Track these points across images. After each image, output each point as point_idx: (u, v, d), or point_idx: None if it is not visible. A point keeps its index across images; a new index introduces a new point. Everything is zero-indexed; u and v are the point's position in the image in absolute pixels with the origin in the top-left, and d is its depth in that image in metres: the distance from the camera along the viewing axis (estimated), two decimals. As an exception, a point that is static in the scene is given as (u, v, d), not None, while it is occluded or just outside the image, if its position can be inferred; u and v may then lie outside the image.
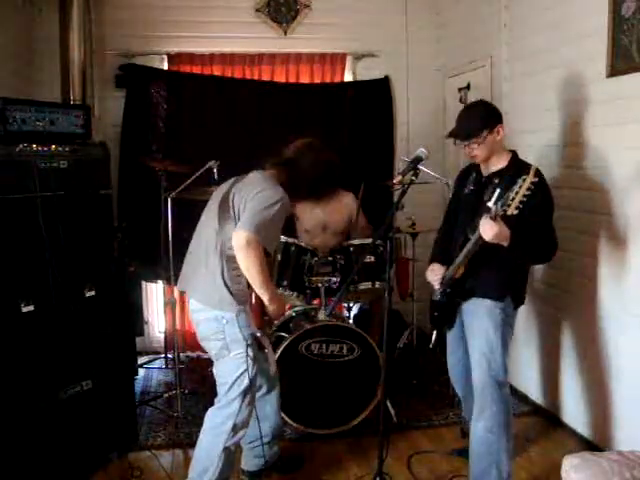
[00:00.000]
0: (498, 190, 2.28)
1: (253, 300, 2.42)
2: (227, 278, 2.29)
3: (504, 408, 2.43)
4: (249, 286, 2.33)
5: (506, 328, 2.44)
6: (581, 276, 2.97)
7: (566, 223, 2.80)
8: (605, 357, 2.81)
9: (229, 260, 2.29)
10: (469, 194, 2.56)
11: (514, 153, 2.48)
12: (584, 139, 2.88)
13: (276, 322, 3.25)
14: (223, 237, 2.30)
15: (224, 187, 2.45)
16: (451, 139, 2.58)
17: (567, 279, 3.08)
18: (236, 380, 2.34)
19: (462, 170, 2.71)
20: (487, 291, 2.43)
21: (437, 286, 2.56)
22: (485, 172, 2.50)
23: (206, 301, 2.35)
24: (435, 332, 2.64)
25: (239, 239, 2.18)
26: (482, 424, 2.44)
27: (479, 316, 2.46)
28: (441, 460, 2.89)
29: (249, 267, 2.22)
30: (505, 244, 2.19)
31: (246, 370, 2.32)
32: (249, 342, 2.32)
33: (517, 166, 2.39)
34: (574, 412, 3.08)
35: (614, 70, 2.63)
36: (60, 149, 2.62)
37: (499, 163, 2.45)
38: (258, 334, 2.38)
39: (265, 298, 2.33)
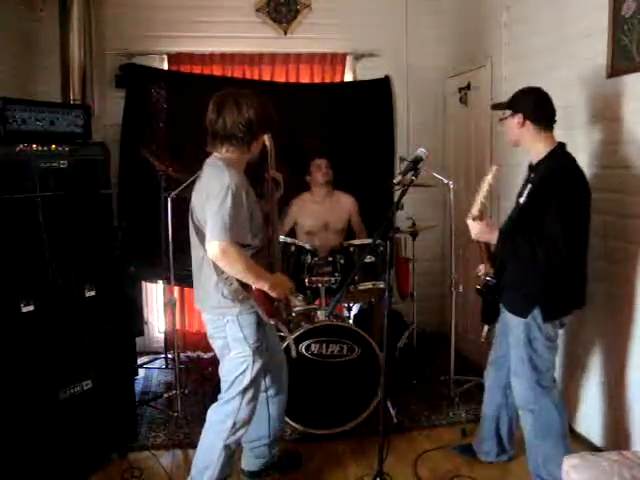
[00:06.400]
0: (529, 186, 2.25)
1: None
2: (219, 283, 2.28)
3: (533, 429, 2.43)
4: (242, 284, 2.30)
5: (535, 347, 2.35)
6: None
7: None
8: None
9: (215, 266, 2.25)
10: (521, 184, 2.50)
11: (557, 145, 2.35)
12: (584, 139, 2.88)
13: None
14: (203, 247, 2.27)
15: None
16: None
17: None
18: (236, 379, 2.35)
19: None
20: (511, 306, 2.40)
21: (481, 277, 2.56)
22: (533, 162, 2.44)
23: (209, 308, 2.38)
24: (486, 326, 2.54)
25: (212, 251, 2.16)
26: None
27: (510, 327, 2.45)
28: (442, 460, 2.89)
29: (235, 272, 2.22)
30: (494, 241, 2.21)
31: (246, 369, 2.34)
32: (251, 342, 2.32)
33: (551, 161, 2.29)
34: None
35: (614, 70, 2.63)
36: (60, 149, 2.63)
37: (539, 154, 2.36)
38: (272, 322, 2.40)
39: (265, 288, 2.29)
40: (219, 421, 2.40)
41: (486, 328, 2.53)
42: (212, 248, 2.16)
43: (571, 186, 2.23)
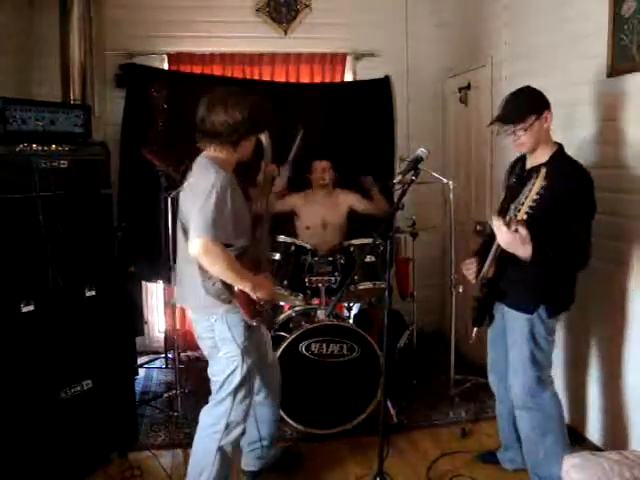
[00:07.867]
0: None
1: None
2: (204, 283, 2.25)
3: (532, 427, 2.44)
4: (226, 284, 2.25)
5: (538, 342, 2.37)
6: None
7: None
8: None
9: (199, 265, 2.21)
10: (511, 186, 2.47)
11: (559, 147, 2.36)
12: (583, 139, 2.87)
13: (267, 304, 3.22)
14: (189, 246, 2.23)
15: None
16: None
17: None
18: (226, 379, 2.34)
19: (513, 160, 2.60)
20: (516, 303, 2.39)
21: (472, 280, 2.52)
22: (529, 164, 2.41)
23: (196, 307, 2.38)
24: (475, 329, 2.51)
25: (194, 249, 2.12)
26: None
27: (511, 326, 2.44)
28: (442, 460, 2.88)
29: (217, 270, 2.18)
30: (522, 255, 2.12)
31: (236, 369, 2.32)
32: (239, 342, 2.30)
33: (557, 162, 2.27)
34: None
35: (614, 70, 2.63)
36: (60, 149, 2.62)
37: (542, 156, 2.34)
38: (254, 323, 2.35)
39: (247, 289, 2.25)
40: (212, 424, 2.38)
41: (475, 330, 2.52)
42: (194, 245, 2.13)
43: (587, 188, 2.23)
